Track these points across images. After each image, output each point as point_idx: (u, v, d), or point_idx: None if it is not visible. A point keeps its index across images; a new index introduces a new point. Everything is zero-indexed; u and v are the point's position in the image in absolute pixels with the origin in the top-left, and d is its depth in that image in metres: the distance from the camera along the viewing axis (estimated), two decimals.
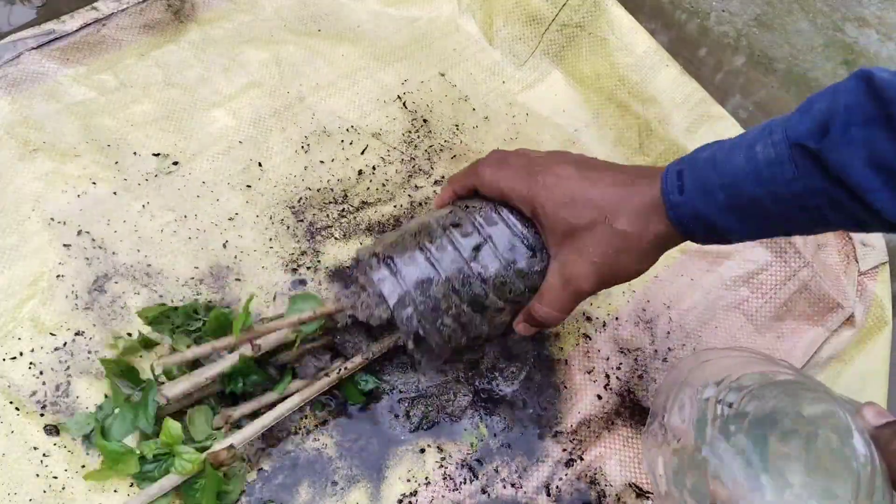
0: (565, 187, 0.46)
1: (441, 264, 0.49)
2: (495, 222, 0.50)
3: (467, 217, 0.50)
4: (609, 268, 0.46)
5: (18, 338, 0.54)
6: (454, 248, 0.49)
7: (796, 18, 0.88)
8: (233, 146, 0.68)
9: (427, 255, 0.49)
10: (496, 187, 0.49)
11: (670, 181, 0.43)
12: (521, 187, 0.48)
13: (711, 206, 0.41)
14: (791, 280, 0.68)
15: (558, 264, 0.48)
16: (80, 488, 0.50)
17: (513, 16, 0.79)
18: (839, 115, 0.36)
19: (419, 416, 0.57)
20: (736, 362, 0.51)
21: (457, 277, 0.49)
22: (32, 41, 0.68)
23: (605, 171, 0.47)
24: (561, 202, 0.46)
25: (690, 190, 0.42)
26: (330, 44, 0.76)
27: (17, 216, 0.60)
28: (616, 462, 0.58)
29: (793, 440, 0.42)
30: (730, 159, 0.40)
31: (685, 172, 0.43)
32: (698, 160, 0.42)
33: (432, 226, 0.51)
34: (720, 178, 0.41)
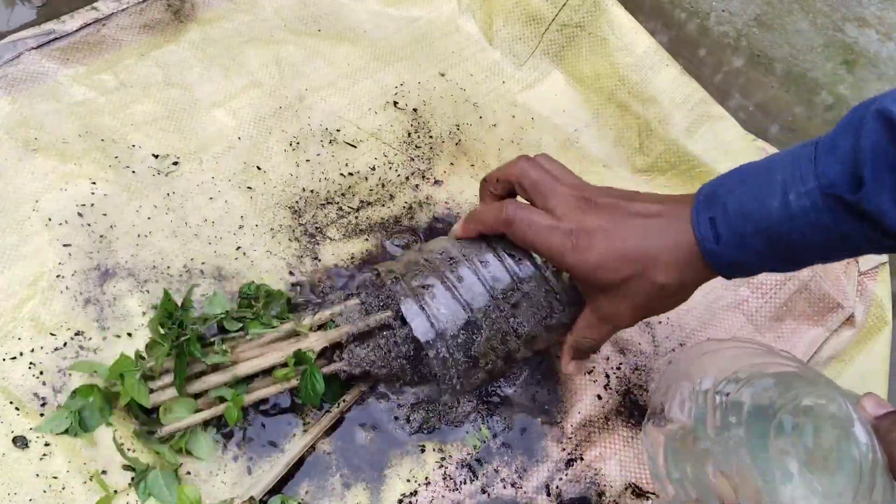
0: (596, 248, 0.45)
1: (478, 314, 0.51)
2: (531, 277, 0.51)
3: (503, 266, 0.51)
4: (646, 310, 0.48)
5: (18, 338, 0.54)
6: (492, 298, 0.51)
7: (796, 18, 0.88)
8: (233, 146, 0.68)
9: (460, 300, 0.51)
10: (525, 240, 0.49)
11: (703, 229, 0.43)
12: (548, 247, 0.47)
13: (749, 253, 0.42)
14: (791, 280, 0.68)
15: (593, 307, 0.49)
16: (80, 488, 0.50)
17: (513, 16, 0.79)
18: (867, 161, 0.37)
19: (419, 420, 0.57)
20: (736, 353, 0.51)
21: (495, 334, 0.51)
22: (32, 41, 0.68)
23: (634, 220, 0.46)
24: (594, 265, 0.45)
25: (726, 239, 0.42)
26: (330, 44, 0.76)
27: (17, 216, 0.60)
28: (616, 462, 0.58)
29: (793, 431, 0.42)
30: (762, 207, 0.41)
31: (717, 219, 0.43)
32: (726, 206, 0.42)
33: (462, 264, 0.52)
34: (755, 226, 0.41)
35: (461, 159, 0.71)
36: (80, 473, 0.50)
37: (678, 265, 0.44)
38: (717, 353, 0.52)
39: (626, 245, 0.45)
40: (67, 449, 0.51)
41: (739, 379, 0.46)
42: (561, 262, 0.47)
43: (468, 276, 0.51)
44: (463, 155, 0.72)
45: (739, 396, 0.45)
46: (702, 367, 0.51)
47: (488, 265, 0.51)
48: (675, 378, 0.53)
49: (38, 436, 0.51)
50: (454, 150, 0.72)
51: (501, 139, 0.74)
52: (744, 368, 0.47)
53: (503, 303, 0.51)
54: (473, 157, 0.72)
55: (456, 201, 0.69)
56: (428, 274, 0.52)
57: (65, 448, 0.51)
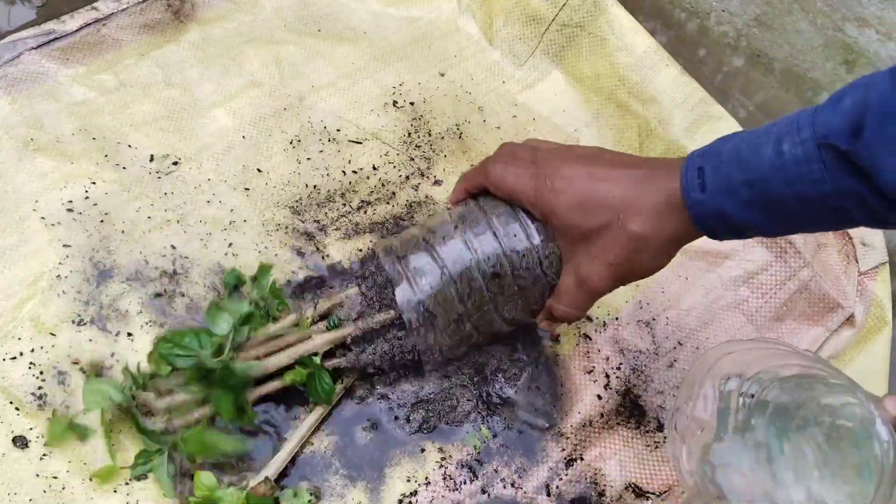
0: (575, 190, 0.44)
1: (448, 261, 0.50)
2: (508, 223, 0.50)
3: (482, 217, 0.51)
4: (624, 268, 0.45)
5: (18, 338, 0.54)
6: (467, 247, 0.50)
7: (796, 18, 0.88)
8: (233, 146, 0.68)
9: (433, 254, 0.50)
10: (504, 188, 0.48)
11: (690, 178, 0.42)
12: (528, 190, 0.47)
13: (735, 203, 0.40)
14: (791, 280, 0.68)
15: (572, 266, 0.48)
16: (80, 488, 0.50)
17: (513, 16, 0.79)
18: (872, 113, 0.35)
19: (419, 420, 0.57)
20: (760, 354, 0.51)
21: (468, 275, 0.50)
22: (32, 41, 0.68)
23: (616, 168, 0.45)
24: (570, 206, 0.45)
25: (713, 187, 0.40)
26: (330, 44, 0.76)
27: (17, 216, 0.60)
28: (616, 462, 0.58)
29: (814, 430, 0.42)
30: (755, 155, 0.39)
31: (706, 169, 0.41)
32: (721, 155, 0.41)
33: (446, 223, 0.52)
34: (745, 174, 0.39)
35: (461, 159, 0.71)
36: (80, 473, 0.50)
37: (658, 214, 0.43)
38: (740, 353, 0.52)
39: (604, 189, 0.44)
40: (67, 449, 0.51)
41: (763, 379, 0.46)
42: (539, 204, 0.46)
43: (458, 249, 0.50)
44: (463, 155, 0.72)
45: (763, 397, 0.45)
46: (725, 367, 0.51)
47: (466, 213, 0.51)
48: (698, 378, 0.53)
49: (38, 436, 0.51)
50: (454, 150, 0.72)
51: (501, 139, 0.74)
52: (767, 369, 0.47)
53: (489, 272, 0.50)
54: (473, 157, 0.72)
55: None
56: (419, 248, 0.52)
57: (65, 448, 0.51)
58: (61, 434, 0.50)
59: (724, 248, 0.69)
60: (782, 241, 0.69)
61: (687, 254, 0.69)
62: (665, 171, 0.43)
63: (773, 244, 0.69)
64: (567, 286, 0.49)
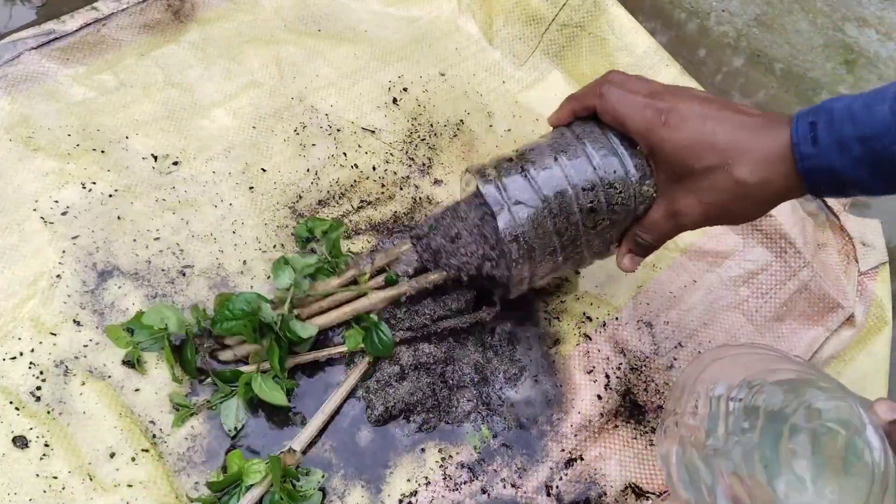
0: (687, 129, 0.44)
1: (549, 193, 0.50)
2: (607, 157, 0.50)
3: (582, 149, 0.50)
4: (719, 211, 0.46)
5: (18, 338, 0.54)
6: (567, 180, 0.50)
7: (796, 18, 0.88)
8: (233, 146, 0.68)
9: (533, 185, 0.50)
10: (616, 114, 0.48)
11: (802, 131, 0.41)
12: (640, 122, 0.46)
13: (846, 159, 0.40)
14: (791, 280, 0.68)
15: (666, 199, 0.48)
16: (80, 488, 0.50)
17: (513, 16, 0.79)
18: None
19: (419, 420, 0.57)
20: (749, 359, 0.51)
21: (567, 209, 0.50)
22: (32, 41, 0.68)
23: (730, 113, 0.45)
24: (681, 144, 0.44)
25: (825, 141, 0.40)
26: (330, 44, 0.76)
27: (17, 216, 0.60)
28: (616, 462, 0.58)
29: (806, 436, 0.42)
30: (869, 113, 0.39)
31: (819, 124, 0.41)
32: (833, 111, 0.41)
33: (545, 153, 0.51)
34: (858, 131, 0.39)
35: (461, 159, 0.71)
36: (80, 473, 0.50)
37: (766, 164, 0.43)
38: (730, 358, 0.52)
39: (717, 132, 0.44)
40: (67, 449, 0.51)
41: (753, 385, 0.46)
42: (649, 137, 0.46)
43: (557, 181, 0.50)
44: (463, 154, 0.72)
45: (752, 402, 0.45)
46: (715, 373, 0.51)
47: (580, 169, 0.50)
48: (688, 383, 0.53)
49: (37, 435, 0.51)
50: (454, 150, 0.72)
51: (501, 139, 0.74)
52: (757, 374, 0.47)
53: (586, 207, 0.50)
54: (473, 157, 0.72)
55: (456, 200, 0.69)
56: (518, 177, 0.51)
57: (65, 448, 0.51)
58: (118, 338, 0.53)
59: (724, 248, 0.69)
60: (782, 242, 0.69)
61: (687, 254, 0.69)
62: (777, 122, 0.43)
63: (772, 244, 0.69)
64: (657, 218, 0.49)
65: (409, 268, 0.57)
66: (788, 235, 0.68)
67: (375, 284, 0.57)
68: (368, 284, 0.57)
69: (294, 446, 0.52)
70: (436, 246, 0.55)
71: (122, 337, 0.53)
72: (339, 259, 0.59)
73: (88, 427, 0.52)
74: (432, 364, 0.57)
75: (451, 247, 0.55)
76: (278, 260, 0.56)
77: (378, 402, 0.56)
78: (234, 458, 0.51)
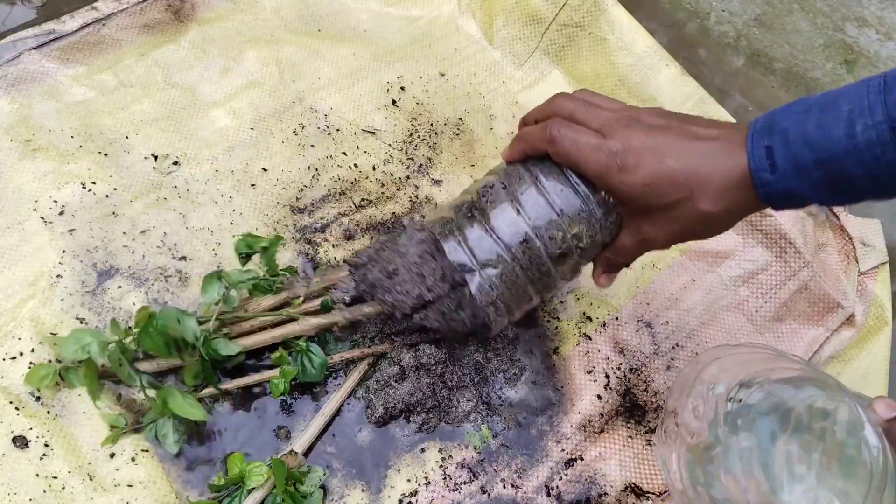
0: (644, 168, 0.44)
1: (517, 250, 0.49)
2: (570, 201, 0.48)
3: (542, 198, 0.49)
4: (686, 236, 0.46)
5: (18, 338, 0.54)
6: (535, 234, 0.48)
7: (796, 18, 0.88)
8: (233, 146, 0.68)
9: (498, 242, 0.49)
10: (569, 160, 0.47)
11: (758, 157, 0.41)
12: (595, 166, 0.45)
13: (805, 183, 0.40)
14: (791, 280, 0.68)
15: (632, 229, 0.48)
16: (80, 488, 0.50)
17: (513, 16, 0.79)
18: None
19: (419, 420, 0.57)
20: (748, 359, 0.51)
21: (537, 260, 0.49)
22: (32, 41, 0.68)
23: (685, 141, 0.44)
24: (640, 185, 0.44)
25: (783, 168, 0.41)
26: (330, 44, 0.76)
27: (17, 216, 0.60)
28: (616, 462, 0.58)
29: (805, 434, 0.42)
30: (825, 136, 0.39)
31: (775, 148, 0.41)
32: (788, 132, 0.41)
33: (504, 205, 0.49)
34: (815, 155, 0.39)
35: (461, 159, 0.71)
36: (80, 473, 0.50)
37: (727, 192, 0.43)
38: (729, 358, 0.52)
39: (676, 168, 0.43)
40: (67, 449, 0.51)
41: (751, 384, 0.46)
42: (605, 182, 0.45)
43: (521, 233, 0.49)
44: (463, 154, 0.72)
45: (751, 401, 0.45)
46: (714, 372, 0.51)
47: (544, 218, 0.48)
48: (687, 383, 0.53)
49: (37, 435, 0.51)
50: (454, 150, 0.72)
51: (501, 139, 0.74)
52: (756, 373, 0.47)
53: (556, 254, 0.49)
54: (473, 157, 0.72)
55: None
56: (482, 233, 0.49)
57: (65, 448, 0.51)
58: (42, 379, 0.51)
59: (724, 248, 0.69)
60: (782, 242, 0.69)
61: (687, 254, 0.69)
62: (733, 145, 0.43)
63: (773, 244, 0.69)
64: (626, 244, 0.49)
65: (346, 295, 0.56)
66: (788, 235, 0.68)
67: (311, 307, 0.56)
68: (303, 307, 0.55)
69: (295, 448, 0.52)
70: (372, 279, 0.53)
71: (47, 374, 0.52)
72: (276, 277, 0.57)
73: (88, 427, 0.52)
74: (433, 365, 0.57)
75: (388, 282, 0.53)
76: (210, 274, 0.54)
77: (378, 402, 0.56)
78: (236, 460, 0.51)
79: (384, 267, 0.53)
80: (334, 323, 0.55)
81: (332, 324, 0.55)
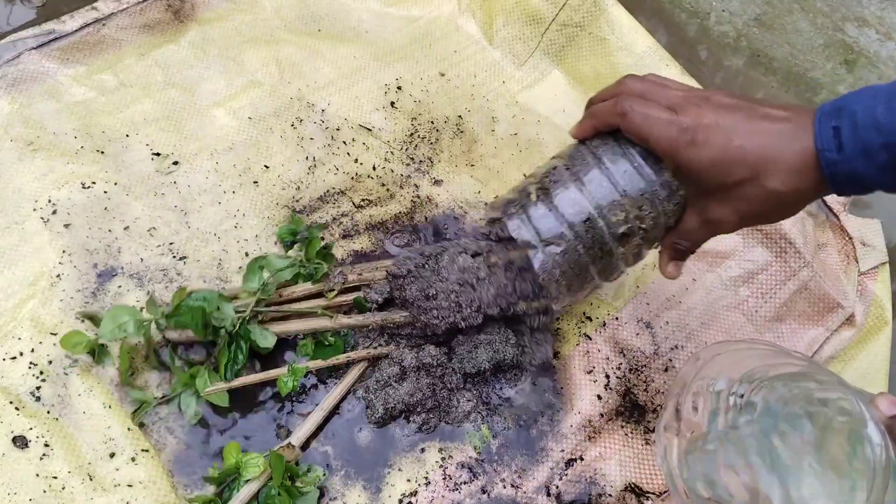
0: (714, 145, 0.44)
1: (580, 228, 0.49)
2: (634, 181, 0.49)
3: (606, 178, 0.49)
4: (754, 217, 0.46)
5: (18, 338, 0.54)
6: (587, 198, 0.49)
7: (796, 18, 0.88)
8: (233, 146, 0.68)
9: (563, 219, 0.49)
10: (640, 134, 0.47)
11: (825, 137, 0.42)
12: (665, 141, 0.46)
13: (871, 166, 0.41)
14: (791, 280, 0.68)
15: (698, 208, 0.48)
16: (80, 488, 0.50)
17: (513, 16, 0.79)
18: None
19: (419, 420, 0.57)
20: (749, 354, 0.51)
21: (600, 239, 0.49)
22: (32, 41, 0.68)
23: (755, 122, 0.44)
24: (709, 161, 0.44)
25: (850, 149, 0.41)
26: (330, 44, 0.76)
27: (18, 216, 0.60)
28: (616, 462, 0.58)
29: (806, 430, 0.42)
30: (894, 119, 0.39)
31: (843, 130, 0.41)
32: (855, 115, 0.41)
33: (568, 184, 0.50)
34: (883, 138, 0.40)
35: (461, 159, 0.71)
36: (80, 473, 0.50)
37: (795, 173, 0.43)
38: (730, 354, 0.52)
39: (745, 146, 0.44)
40: (67, 449, 0.51)
41: (753, 380, 0.46)
42: (675, 156, 0.46)
43: (586, 212, 0.49)
44: (463, 155, 0.72)
45: (753, 397, 0.45)
46: (715, 368, 0.51)
47: (609, 198, 0.49)
48: (687, 379, 0.53)
49: (37, 435, 0.51)
50: (454, 150, 0.72)
51: (501, 139, 0.74)
52: (757, 369, 0.47)
53: (618, 233, 0.49)
54: (473, 157, 0.72)
55: (456, 201, 0.69)
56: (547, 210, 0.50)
57: (65, 448, 0.51)
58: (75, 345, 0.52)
59: (723, 248, 0.69)
60: (782, 242, 0.69)
61: None
62: (801, 126, 0.43)
63: (773, 244, 0.69)
64: (691, 226, 0.49)
65: (380, 297, 0.57)
66: (788, 235, 0.68)
67: (343, 301, 0.57)
68: (336, 300, 0.57)
69: (292, 441, 0.52)
70: (410, 296, 0.55)
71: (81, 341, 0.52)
72: (319, 266, 0.58)
73: (88, 427, 0.52)
74: (434, 366, 0.57)
75: (425, 304, 0.55)
76: (254, 261, 0.55)
77: (378, 402, 0.56)
78: (232, 449, 0.51)
79: (423, 288, 0.55)
80: (366, 325, 0.56)
81: (365, 325, 0.56)
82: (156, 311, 0.53)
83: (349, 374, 0.57)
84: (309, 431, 0.54)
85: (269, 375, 0.55)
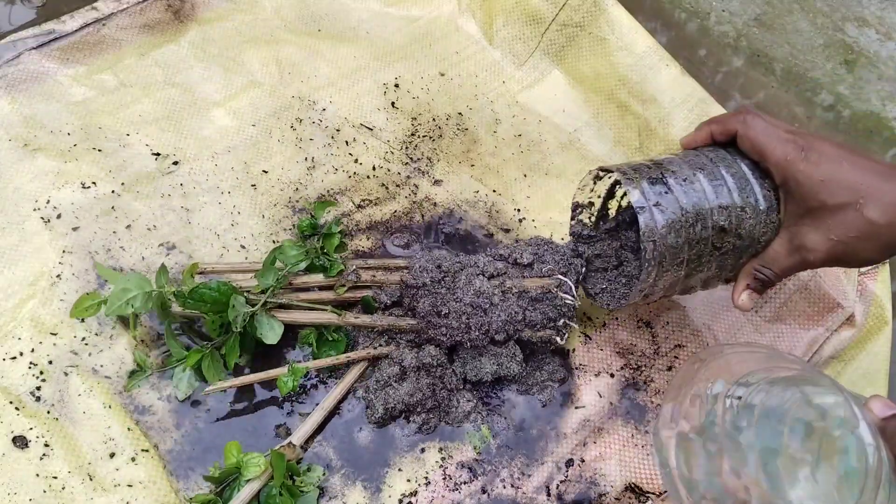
0: (825, 166, 0.47)
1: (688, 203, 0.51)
2: (742, 183, 0.51)
3: (717, 170, 0.51)
4: (844, 250, 0.48)
5: (18, 338, 0.54)
6: (705, 195, 0.51)
7: (796, 18, 0.88)
8: (233, 146, 0.68)
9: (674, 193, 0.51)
10: (758, 142, 0.50)
11: None
12: (780, 153, 0.49)
13: None
14: (791, 280, 0.68)
15: (790, 233, 0.50)
16: (80, 488, 0.50)
17: (513, 16, 0.79)
18: None
19: (419, 420, 0.57)
20: (746, 358, 0.51)
21: (702, 222, 0.51)
22: (32, 41, 0.68)
23: (863, 158, 0.48)
24: (817, 179, 0.47)
25: None
26: (330, 44, 0.76)
27: (17, 216, 0.60)
28: (616, 462, 0.58)
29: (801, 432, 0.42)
30: None
31: None
32: None
33: (683, 167, 0.52)
34: None
35: (461, 159, 0.71)
36: (80, 473, 0.50)
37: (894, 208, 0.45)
38: (727, 356, 0.52)
39: (852, 173, 0.46)
40: (67, 449, 0.51)
41: (749, 383, 0.47)
42: (787, 168, 0.48)
43: (697, 194, 0.51)
44: (463, 155, 0.72)
45: (749, 400, 0.45)
46: (712, 371, 0.51)
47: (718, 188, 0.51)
48: (686, 382, 0.53)
49: (37, 435, 0.51)
50: (454, 150, 0.72)
51: (501, 139, 0.74)
52: (754, 372, 0.48)
53: (718, 224, 0.51)
54: (473, 157, 0.72)
55: (456, 201, 0.69)
56: (660, 184, 0.51)
57: (65, 448, 0.51)
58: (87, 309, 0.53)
59: None
60: None
61: None
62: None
63: None
64: (778, 252, 0.51)
65: (389, 300, 0.58)
66: None
67: (352, 297, 0.58)
68: (345, 296, 0.57)
69: (293, 440, 0.52)
70: (422, 310, 0.55)
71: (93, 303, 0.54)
72: (335, 261, 0.58)
73: (88, 427, 0.52)
74: (434, 366, 0.57)
75: (436, 320, 0.55)
76: (271, 252, 0.56)
77: (378, 402, 0.56)
78: (232, 448, 0.50)
79: (436, 304, 0.55)
80: (372, 326, 0.57)
81: (371, 326, 0.57)
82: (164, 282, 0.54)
83: (349, 373, 0.57)
84: (309, 431, 0.54)
85: (269, 375, 0.55)
